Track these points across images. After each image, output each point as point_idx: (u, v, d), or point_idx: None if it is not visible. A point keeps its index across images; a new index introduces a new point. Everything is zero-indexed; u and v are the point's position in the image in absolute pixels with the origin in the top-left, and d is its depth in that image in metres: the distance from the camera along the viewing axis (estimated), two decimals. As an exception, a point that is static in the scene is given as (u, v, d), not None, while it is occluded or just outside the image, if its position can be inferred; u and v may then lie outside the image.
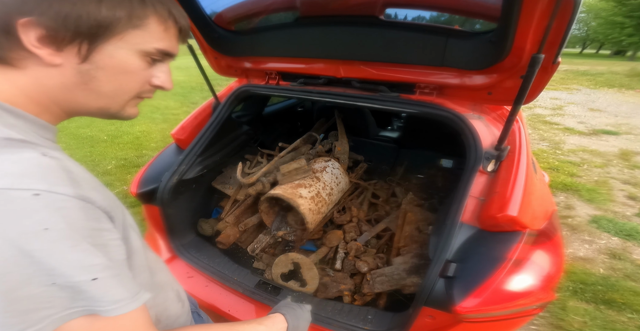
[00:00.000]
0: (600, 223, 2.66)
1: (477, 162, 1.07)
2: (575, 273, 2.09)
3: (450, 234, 0.97)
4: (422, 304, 0.95)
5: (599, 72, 13.62)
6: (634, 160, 4.09)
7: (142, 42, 0.47)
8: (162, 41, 0.49)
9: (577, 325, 1.73)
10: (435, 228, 1.31)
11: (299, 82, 1.46)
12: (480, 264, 0.89)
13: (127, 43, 0.46)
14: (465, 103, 1.22)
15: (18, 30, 0.41)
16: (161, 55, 0.50)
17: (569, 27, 0.76)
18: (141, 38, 0.47)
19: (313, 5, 1.23)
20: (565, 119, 6.04)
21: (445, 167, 2.23)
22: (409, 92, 1.28)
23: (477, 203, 1.02)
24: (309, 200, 1.46)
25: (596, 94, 8.74)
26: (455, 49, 1.08)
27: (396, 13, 1.19)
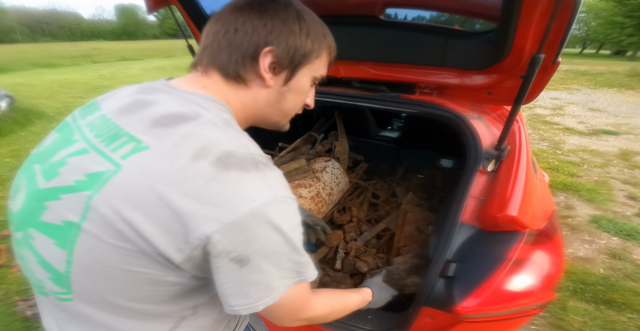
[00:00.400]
0: (600, 223, 2.65)
1: (477, 161, 1.07)
2: (575, 273, 2.09)
3: (450, 234, 0.97)
4: (422, 304, 0.95)
5: (599, 72, 13.62)
6: (634, 160, 4.09)
7: (317, 70, 0.60)
8: (325, 69, 0.62)
9: (577, 325, 1.73)
10: (435, 228, 1.31)
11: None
12: (480, 264, 0.89)
13: (310, 70, 0.59)
14: (465, 103, 1.21)
15: (260, 57, 0.53)
16: (319, 80, 0.63)
17: (569, 27, 0.76)
18: (317, 66, 0.59)
19: (313, 5, 1.23)
20: (565, 119, 6.04)
21: (445, 167, 2.23)
22: (409, 92, 1.28)
23: (477, 203, 1.02)
24: (308, 200, 1.46)
25: (596, 94, 8.74)
26: (455, 49, 1.08)
27: (396, 13, 1.19)
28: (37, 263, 0.48)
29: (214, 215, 0.41)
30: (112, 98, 0.54)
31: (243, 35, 0.52)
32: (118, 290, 0.47)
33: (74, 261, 0.45)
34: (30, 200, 0.48)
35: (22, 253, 0.51)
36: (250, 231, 0.42)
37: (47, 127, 5.08)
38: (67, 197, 0.45)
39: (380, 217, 1.75)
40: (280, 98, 0.58)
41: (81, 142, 0.48)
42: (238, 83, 0.55)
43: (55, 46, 32.37)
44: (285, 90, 0.57)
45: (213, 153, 0.44)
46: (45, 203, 0.46)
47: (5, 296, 1.86)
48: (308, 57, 0.56)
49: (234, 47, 0.52)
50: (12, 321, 1.70)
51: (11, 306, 1.77)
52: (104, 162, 0.44)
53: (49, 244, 0.46)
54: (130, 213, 0.41)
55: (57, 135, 0.53)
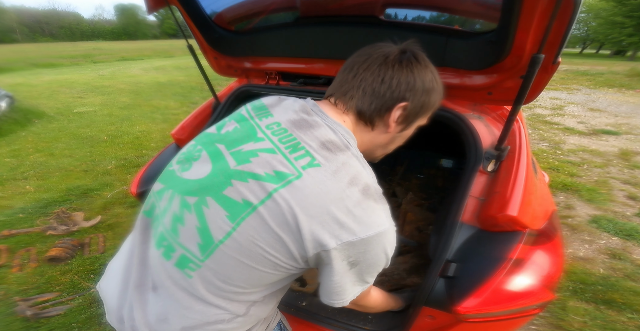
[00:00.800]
0: (600, 223, 2.65)
1: (477, 161, 1.07)
2: (575, 273, 2.09)
3: (450, 234, 0.97)
4: (422, 304, 0.95)
5: (599, 72, 13.62)
6: (634, 160, 4.09)
7: (424, 120, 0.70)
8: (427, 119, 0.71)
9: (577, 325, 1.73)
10: (435, 228, 1.31)
11: (299, 82, 1.46)
12: (480, 264, 0.89)
13: (421, 121, 0.69)
14: (465, 103, 1.21)
15: (393, 109, 0.62)
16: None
17: (569, 27, 0.76)
18: (426, 117, 0.69)
19: (313, 5, 1.23)
20: (565, 119, 6.04)
21: (445, 167, 2.24)
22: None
23: (477, 203, 1.02)
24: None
25: (596, 94, 8.73)
26: (455, 49, 1.08)
27: (396, 13, 1.19)
28: (196, 228, 0.57)
29: (353, 230, 0.54)
30: (279, 108, 0.66)
31: (387, 89, 0.61)
32: (245, 267, 0.56)
33: (233, 235, 0.55)
34: (218, 175, 0.58)
35: (182, 216, 0.59)
36: (369, 247, 0.56)
37: (47, 127, 5.08)
38: (253, 182, 0.55)
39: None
40: (391, 142, 0.71)
41: (267, 141, 0.59)
42: (366, 125, 0.65)
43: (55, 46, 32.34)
44: (398, 136, 0.70)
45: (360, 184, 0.56)
46: (232, 181, 0.56)
47: (5, 296, 1.86)
48: (427, 111, 0.67)
49: (376, 96, 0.61)
50: (12, 321, 1.70)
51: (11, 306, 1.77)
52: (289, 167, 0.56)
53: (221, 215, 0.56)
54: (299, 211, 0.53)
55: (237, 126, 0.65)
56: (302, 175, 0.54)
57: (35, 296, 1.84)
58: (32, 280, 1.97)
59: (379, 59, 0.62)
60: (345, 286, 0.60)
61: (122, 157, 3.93)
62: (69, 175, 3.43)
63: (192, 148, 0.66)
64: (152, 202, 0.68)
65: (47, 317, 1.72)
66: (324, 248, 0.54)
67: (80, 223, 2.53)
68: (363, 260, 0.57)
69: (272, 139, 0.59)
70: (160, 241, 0.62)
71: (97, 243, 2.32)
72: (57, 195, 2.97)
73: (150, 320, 0.61)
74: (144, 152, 4.10)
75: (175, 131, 1.61)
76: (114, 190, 3.10)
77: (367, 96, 0.62)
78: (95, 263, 2.12)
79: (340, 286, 0.60)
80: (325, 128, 0.60)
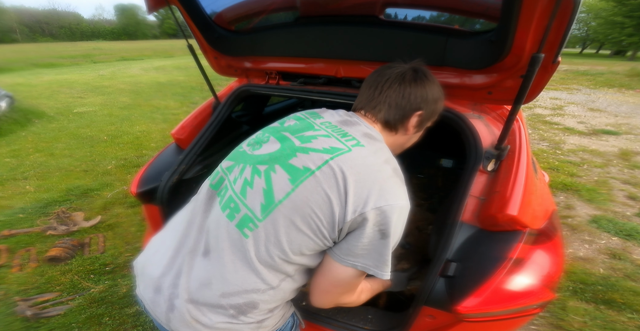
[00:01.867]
0: (600, 223, 2.65)
1: (477, 161, 1.07)
2: (575, 273, 2.09)
3: (450, 233, 0.97)
4: (422, 304, 0.95)
5: (599, 72, 13.62)
6: (634, 160, 4.09)
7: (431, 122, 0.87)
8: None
9: (577, 325, 1.73)
10: (435, 228, 1.31)
11: (299, 81, 1.46)
12: (480, 264, 0.89)
13: (430, 123, 0.87)
14: (465, 102, 1.21)
15: (411, 117, 0.80)
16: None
17: (568, 26, 0.76)
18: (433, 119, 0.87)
19: (313, 5, 1.23)
20: (565, 119, 6.04)
21: (445, 166, 2.23)
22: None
23: (477, 203, 1.02)
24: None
25: (596, 94, 8.74)
26: (455, 49, 1.08)
27: (396, 13, 1.19)
28: (262, 189, 0.68)
29: (386, 196, 0.64)
30: (327, 113, 0.83)
31: (407, 102, 0.78)
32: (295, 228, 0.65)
33: (291, 195, 0.65)
34: (285, 149, 0.72)
35: (252, 181, 0.70)
36: (397, 215, 0.65)
37: (47, 127, 5.08)
38: (313, 154, 0.69)
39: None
40: (407, 141, 0.87)
41: (323, 130, 0.75)
42: (390, 131, 0.82)
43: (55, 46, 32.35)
44: (413, 137, 0.87)
45: (392, 165, 0.71)
46: (297, 153, 0.70)
47: (5, 296, 1.86)
48: (436, 115, 0.85)
49: (399, 108, 0.78)
50: (12, 321, 1.70)
51: (11, 306, 1.77)
52: (340, 144, 0.70)
53: (284, 178, 0.67)
54: (348, 175, 0.65)
55: (297, 122, 0.81)
56: (351, 150, 0.69)
57: (35, 296, 1.84)
58: (32, 280, 1.97)
59: (398, 78, 0.78)
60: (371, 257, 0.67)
61: (122, 157, 3.93)
62: (69, 175, 3.43)
63: (261, 134, 0.81)
64: (219, 176, 0.78)
65: (47, 317, 1.71)
66: (363, 210, 0.63)
67: (80, 223, 2.53)
68: (392, 232, 0.65)
69: (326, 130, 0.75)
70: (227, 203, 0.71)
71: (97, 243, 2.32)
72: (57, 195, 2.97)
73: (192, 286, 0.69)
74: (144, 152, 4.10)
75: (175, 131, 1.61)
76: (114, 190, 3.10)
77: (392, 109, 0.79)
78: (95, 263, 2.12)
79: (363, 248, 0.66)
80: (363, 126, 0.77)
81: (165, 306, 0.70)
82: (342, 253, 0.68)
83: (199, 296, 0.68)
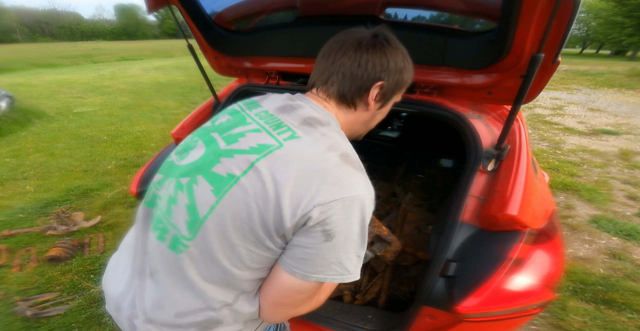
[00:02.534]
0: (600, 223, 2.65)
1: (477, 161, 1.07)
2: (575, 273, 2.09)
3: (450, 233, 0.97)
4: (422, 303, 0.95)
5: (599, 72, 13.62)
6: (634, 160, 4.09)
7: (398, 96, 0.75)
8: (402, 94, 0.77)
9: (577, 325, 1.72)
10: (435, 228, 1.31)
11: (299, 81, 1.46)
12: (480, 263, 0.88)
13: (397, 97, 0.75)
14: (465, 102, 1.21)
15: (371, 89, 0.67)
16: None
17: (568, 26, 0.76)
18: (400, 93, 0.74)
19: (313, 5, 1.23)
20: (565, 119, 6.04)
21: (445, 166, 2.23)
22: (409, 92, 1.27)
23: (477, 203, 1.02)
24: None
25: (596, 94, 8.73)
26: (455, 49, 1.08)
27: (396, 13, 1.19)
28: (186, 206, 0.60)
29: (330, 190, 0.54)
30: (267, 100, 0.72)
31: (364, 71, 0.66)
32: (228, 244, 0.58)
33: (216, 208, 0.57)
34: (209, 155, 0.62)
35: (175, 197, 0.62)
36: (347, 211, 0.54)
37: (47, 127, 5.08)
38: (239, 156, 0.59)
39: (380, 217, 1.75)
40: (371, 119, 0.76)
41: (254, 124, 0.65)
42: (349, 107, 0.71)
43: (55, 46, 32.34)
44: (378, 112, 0.75)
45: (338, 150, 0.59)
46: (221, 158, 0.60)
47: (5, 296, 1.86)
48: (401, 88, 0.72)
49: (355, 79, 0.66)
50: (12, 321, 1.70)
51: (11, 306, 1.77)
52: (271, 140, 0.60)
53: (207, 190, 0.58)
54: (279, 175, 0.55)
55: (230, 117, 0.70)
56: (283, 145, 0.59)
57: (35, 296, 1.84)
58: (32, 280, 1.97)
59: (353, 44, 0.66)
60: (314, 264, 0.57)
61: (122, 157, 3.93)
62: (69, 175, 3.43)
63: (190, 139, 0.71)
64: (152, 193, 0.71)
65: (47, 317, 1.71)
66: (305, 211, 0.53)
67: (80, 223, 2.53)
68: (339, 231, 0.55)
69: (259, 122, 0.65)
70: (156, 224, 0.65)
71: (97, 243, 2.32)
72: (57, 195, 2.97)
73: (147, 307, 0.64)
74: (144, 152, 4.10)
75: (175, 131, 1.61)
76: (114, 190, 3.10)
77: (346, 80, 0.67)
78: (95, 263, 2.12)
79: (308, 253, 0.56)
80: (307, 108, 0.66)
81: (127, 325, 0.67)
82: (291, 260, 0.58)
83: (156, 317, 0.64)
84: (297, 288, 0.59)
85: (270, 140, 0.60)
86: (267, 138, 0.60)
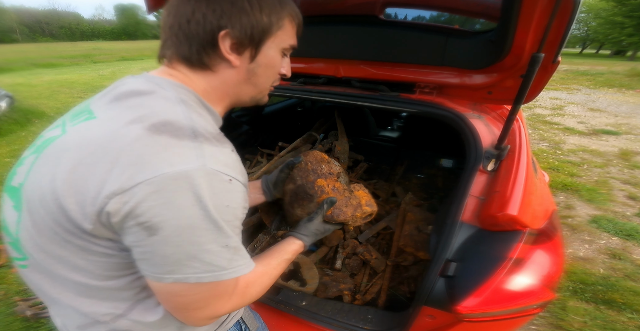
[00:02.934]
0: (600, 223, 2.65)
1: (477, 161, 1.07)
2: (575, 273, 2.09)
3: (450, 233, 0.97)
4: (422, 303, 0.95)
5: (599, 72, 13.61)
6: (634, 160, 4.09)
7: (283, 41, 0.61)
8: (292, 37, 0.63)
9: (577, 325, 1.72)
10: (435, 228, 1.31)
11: (298, 81, 1.46)
12: (480, 263, 0.88)
13: (275, 43, 0.60)
14: (465, 102, 1.21)
15: (219, 42, 0.54)
16: (290, 50, 0.64)
17: (568, 26, 0.76)
18: (282, 37, 0.60)
19: (313, 4, 1.23)
20: (565, 119, 6.04)
21: (445, 166, 2.24)
22: (409, 92, 1.28)
23: (477, 203, 1.02)
24: (308, 200, 1.46)
25: (596, 94, 8.73)
26: (455, 49, 1.08)
27: (396, 13, 1.19)
28: (2, 229, 0.54)
29: (125, 174, 0.42)
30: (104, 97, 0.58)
31: (196, 25, 0.52)
32: (59, 257, 0.49)
33: (21, 223, 0.50)
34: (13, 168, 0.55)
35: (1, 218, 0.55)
36: (163, 194, 0.41)
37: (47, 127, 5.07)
38: (25, 160, 0.52)
39: (380, 217, 1.75)
40: (251, 75, 0.60)
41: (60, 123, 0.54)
42: (204, 70, 0.57)
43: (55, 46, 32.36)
44: (254, 66, 0.59)
45: (150, 120, 0.46)
46: (17, 169, 0.53)
47: (5, 296, 1.86)
48: (268, 31, 0.57)
49: (191, 37, 0.53)
50: (12, 321, 1.70)
51: (11, 306, 1.77)
52: (57, 131, 0.51)
53: (10, 207, 0.52)
54: (58, 170, 0.45)
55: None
56: (66, 132, 0.49)
57: (35, 296, 1.84)
58: (32, 280, 1.97)
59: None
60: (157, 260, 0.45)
61: (122, 157, 3.93)
62: (68, 175, 3.43)
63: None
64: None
65: (47, 317, 1.71)
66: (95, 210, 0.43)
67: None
68: (162, 220, 0.42)
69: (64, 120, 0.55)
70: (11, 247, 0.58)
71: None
72: (57, 195, 2.97)
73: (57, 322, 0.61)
74: (144, 152, 4.10)
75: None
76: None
77: (182, 41, 0.54)
78: (95, 263, 2.12)
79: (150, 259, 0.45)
80: (131, 83, 0.53)
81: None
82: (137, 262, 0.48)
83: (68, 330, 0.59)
84: (169, 291, 0.49)
85: (54, 133, 0.51)
86: (54, 131, 0.51)
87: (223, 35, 0.53)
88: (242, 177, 0.51)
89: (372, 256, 1.42)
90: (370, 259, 1.42)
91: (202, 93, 0.57)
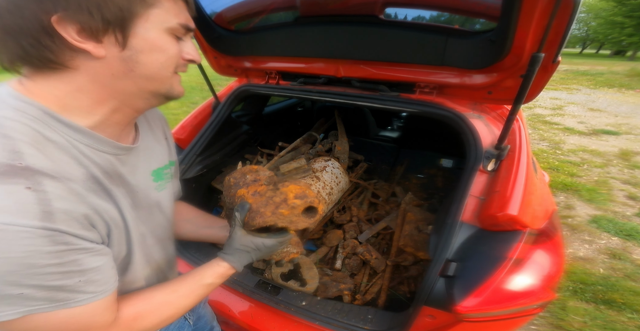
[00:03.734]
0: (600, 223, 2.65)
1: (477, 161, 1.07)
2: (575, 273, 2.09)
3: (450, 233, 0.97)
4: (422, 303, 0.94)
5: (599, 72, 13.62)
6: (634, 160, 4.09)
7: (164, 21, 0.49)
8: (179, 16, 0.51)
9: (577, 325, 1.72)
10: (435, 228, 1.31)
11: (299, 81, 1.46)
12: (480, 263, 0.88)
13: (152, 23, 0.48)
14: (465, 102, 1.21)
15: (57, 29, 0.42)
16: (184, 30, 0.52)
17: (568, 26, 0.76)
18: (162, 16, 0.49)
19: (313, 4, 1.23)
20: (565, 119, 6.04)
21: (445, 166, 2.24)
22: (409, 92, 1.28)
23: (477, 203, 1.02)
24: (308, 200, 1.45)
25: (596, 94, 8.73)
26: (455, 48, 1.08)
27: (396, 12, 1.19)
28: None
29: None
30: None
31: (18, 19, 0.42)
32: None
33: None
34: None
35: None
36: None
37: (47, 127, 5.07)
38: None
39: (380, 217, 1.75)
40: (132, 65, 0.48)
41: None
42: (57, 70, 0.46)
43: (55, 46, 32.25)
44: (131, 54, 0.48)
45: None
46: None
47: None
48: (130, 9, 0.46)
49: (16, 33, 0.43)
50: (11, 321, 1.70)
51: None
52: None
53: None
54: None
55: None
56: None
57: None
58: (32, 280, 1.96)
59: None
60: None
61: (122, 157, 3.92)
62: (68, 175, 3.43)
63: None
64: None
65: (47, 317, 1.71)
66: None
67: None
68: None
69: None
70: None
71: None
72: (57, 195, 2.97)
73: None
74: (143, 152, 4.10)
75: (175, 130, 1.60)
76: (114, 190, 3.09)
77: (8, 41, 0.44)
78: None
79: None
80: None
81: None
82: None
83: None
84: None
85: None
86: None
87: (57, 20, 0.42)
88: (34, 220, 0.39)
89: (372, 256, 1.43)
90: (370, 259, 1.42)
91: (56, 101, 0.46)
